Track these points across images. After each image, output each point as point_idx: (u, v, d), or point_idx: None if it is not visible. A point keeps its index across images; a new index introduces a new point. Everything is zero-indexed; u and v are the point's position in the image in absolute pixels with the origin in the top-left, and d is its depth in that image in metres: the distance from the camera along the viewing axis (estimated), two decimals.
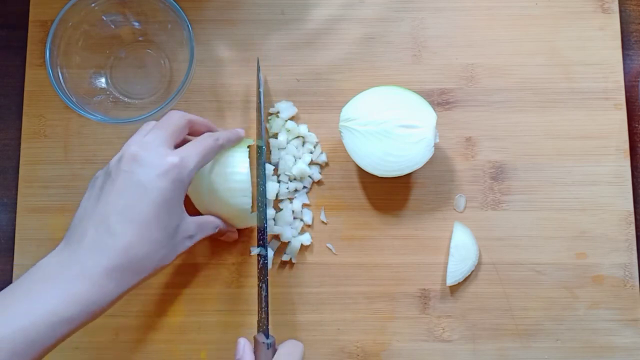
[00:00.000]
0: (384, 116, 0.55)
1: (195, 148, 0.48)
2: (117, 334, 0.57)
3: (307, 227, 0.58)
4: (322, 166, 0.59)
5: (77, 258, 0.42)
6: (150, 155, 0.45)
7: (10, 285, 0.42)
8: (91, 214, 0.44)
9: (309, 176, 0.59)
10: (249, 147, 0.55)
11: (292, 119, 0.60)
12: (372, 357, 0.57)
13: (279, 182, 0.58)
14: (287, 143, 0.59)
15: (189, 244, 0.48)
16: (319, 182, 0.59)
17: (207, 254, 0.58)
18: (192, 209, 0.56)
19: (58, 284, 0.41)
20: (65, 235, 0.45)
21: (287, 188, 0.58)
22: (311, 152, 0.59)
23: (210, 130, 0.53)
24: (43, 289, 0.41)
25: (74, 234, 0.44)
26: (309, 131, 0.59)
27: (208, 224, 0.52)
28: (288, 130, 0.59)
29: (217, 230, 0.53)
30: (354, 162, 0.56)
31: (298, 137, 0.59)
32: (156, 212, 0.44)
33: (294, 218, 0.58)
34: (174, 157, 0.45)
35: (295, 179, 0.59)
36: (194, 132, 0.52)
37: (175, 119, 0.49)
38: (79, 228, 0.44)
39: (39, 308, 0.40)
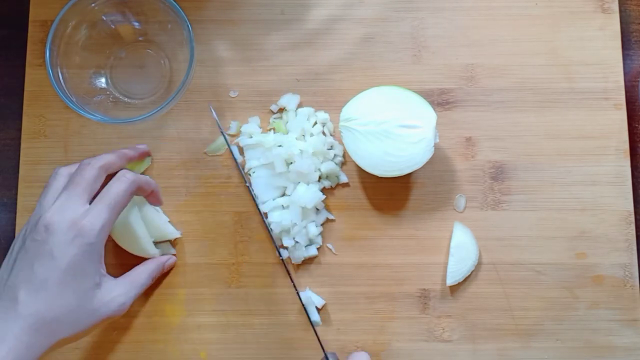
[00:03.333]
0: (384, 116, 0.55)
1: (103, 204, 0.48)
2: (116, 334, 0.57)
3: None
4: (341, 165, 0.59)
5: None
6: (61, 223, 0.46)
7: None
8: (5, 284, 0.46)
9: (336, 176, 0.59)
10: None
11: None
12: (372, 357, 0.57)
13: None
14: (309, 135, 0.58)
15: (117, 306, 0.49)
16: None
17: (207, 254, 0.58)
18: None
19: None
20: None
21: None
22: (331, 147, 0.59)
23: (128, 160, 0.54)
24: None
25: None
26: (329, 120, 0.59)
27: (139, 275, 0.53)
28: (308, 119, 0.59)
29: (154, 278, 0.55)
30: (354, 162, 0.56)
31: (315, 124, 0.59)
32: (64, 279, 0.46)
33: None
34: (82, 222, 0.47)
35: (322, 178, 0.58)
36: (113, 173, 0.52)
37: (86, 173, 0.49)
38: None
39: None
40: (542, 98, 0.60)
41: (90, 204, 0.49)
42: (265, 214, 0.57)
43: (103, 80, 0.59)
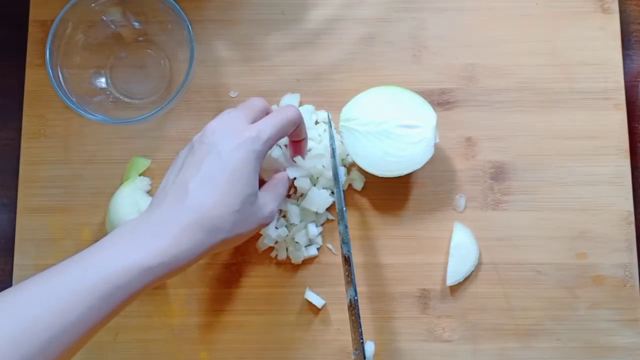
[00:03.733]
0: (384, 116, 0.55)
1: (271, 120, 0.49)
2: (117, 334, 0.57)
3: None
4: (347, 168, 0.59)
5: (156, 217, 0.45)
6: (228, 130, 0.48)
7: (97, 242, 0.44)
8: (173, 182, 0.47)
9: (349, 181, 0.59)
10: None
11: None
12: (372, 356, 0.57)
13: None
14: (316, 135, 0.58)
15: (269, 213, 0.50)
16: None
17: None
18: None
19: (138, 238, 0.44)
20: (149, 203, 0.48)
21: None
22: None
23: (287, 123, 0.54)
24: (124, 243, 0.43)
25: (156, 199, 0.47)
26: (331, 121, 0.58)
27: (276, 186, 0.53)
28: (316, 123, 0.59)
29: (287, 190, 0.54)
30: (354, 162, 0.56)
31: (317, 123, 0.59)
32: (231, 179, 0.46)
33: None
34: (250, 131, 0.48)
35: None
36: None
37: (254, 101, 0.51)
38: (161, 194, 0.47)
39: (120, 259, 0.42)
40: (542, 98, 0.60)
41: None
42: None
43: (103, 80, 0.59)
